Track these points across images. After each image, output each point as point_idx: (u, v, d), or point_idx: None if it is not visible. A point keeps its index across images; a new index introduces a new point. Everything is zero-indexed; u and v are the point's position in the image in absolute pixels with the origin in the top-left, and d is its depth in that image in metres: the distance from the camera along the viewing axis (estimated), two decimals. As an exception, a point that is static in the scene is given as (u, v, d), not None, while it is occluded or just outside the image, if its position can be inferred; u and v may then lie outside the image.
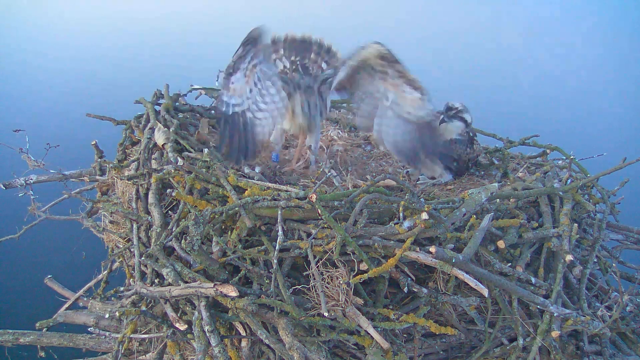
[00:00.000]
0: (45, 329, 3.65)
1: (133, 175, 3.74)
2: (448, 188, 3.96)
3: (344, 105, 5.36)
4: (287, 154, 4.32)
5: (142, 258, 3.29)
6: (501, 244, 3.12)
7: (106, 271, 4.31)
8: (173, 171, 3.46)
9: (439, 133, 3.95)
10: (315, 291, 2.84)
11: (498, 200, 3.31)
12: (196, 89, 5.05)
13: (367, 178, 3.91)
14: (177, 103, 4.65)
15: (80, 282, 4.52)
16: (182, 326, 2.98)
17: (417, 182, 4.12)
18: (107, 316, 3.50)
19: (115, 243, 3.99)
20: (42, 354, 3.60)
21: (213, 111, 4.66)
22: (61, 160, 4.61)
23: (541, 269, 3.31)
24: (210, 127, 4.44)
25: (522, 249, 3.31)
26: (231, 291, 2.77)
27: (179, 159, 3.51)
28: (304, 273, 2.96)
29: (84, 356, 3.80)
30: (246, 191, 3.10)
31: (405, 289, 2.96)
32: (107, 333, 3.66)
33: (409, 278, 2.98)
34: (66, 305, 4.20)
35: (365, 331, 2.78)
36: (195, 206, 3.18)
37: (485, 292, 2.73)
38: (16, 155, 4.36)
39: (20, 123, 4.61)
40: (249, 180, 3.27)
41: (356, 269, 2.89)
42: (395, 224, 2.89)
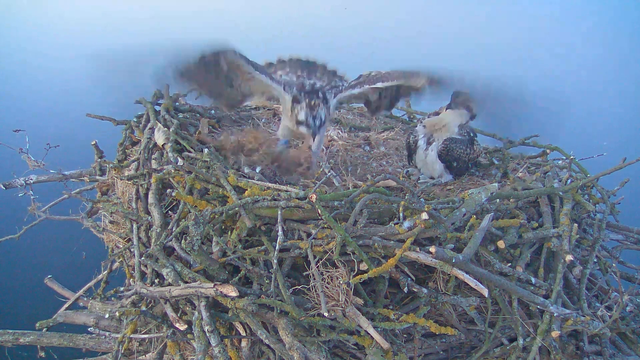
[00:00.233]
0: (45, 329, 3.66)
1: (133, 175, 3.73)
2: (448, 188, 3.96)
3: (344, 105, 5.35)
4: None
5: (142, 258, 3.29)
6: (501, 244, 3.12)
7: (106, 271, 4.32)
8: (173, 171, 3.45)
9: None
10: (315, 291, 2.84)
11: (498, 200, 3.31)
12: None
13: (367, 178, 3.90)
14: (177, 103, 4.64)
15: (80, 282, 4.53)
16: (182, 326, 2.99)
17: (417, 182, 4.12)
18: (107, 316, 3.50)
19: (115, 243, 3.99)
20: (42, 354, 3.61)
21: (213, 111, 4.66)
22: (61, 160, 4.61)
23: (541, 269, 3.31)
24: (210, 127, 4.43)
25: (522, 249, 3.31)
26: (231, 291, 2.77)
27: (179, 159, 3.50)
28: (304, 273, 2.96)
29: (84, 356, 3.80)
30: (246, 191, 3.10)
31: (405, 289, 2.96)
32: (107, 333, 3.66)
33: (409, 278, 2.98)
34: (66, 305, 4.20)
35: (365, 331, 2.79)
36: (195, 206, 3.18)
37: (485, 292, 2.73)
38: (16, 155, 4.35)
39: (20, 123, 4.62)
40: (249, 180, 3.27)
41: (356, 269, 2.88)
42: (395, 224, 2.89)
